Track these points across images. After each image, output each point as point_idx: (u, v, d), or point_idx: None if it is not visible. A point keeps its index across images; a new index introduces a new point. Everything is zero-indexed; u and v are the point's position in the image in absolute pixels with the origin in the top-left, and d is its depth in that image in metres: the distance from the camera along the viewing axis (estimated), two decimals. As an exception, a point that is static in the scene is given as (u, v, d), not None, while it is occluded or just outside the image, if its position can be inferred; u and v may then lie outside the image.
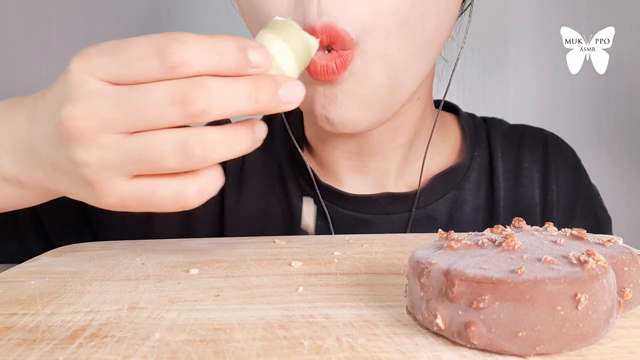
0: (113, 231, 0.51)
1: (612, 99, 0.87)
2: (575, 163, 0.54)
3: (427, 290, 0.21)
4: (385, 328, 0.22)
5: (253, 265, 0.33)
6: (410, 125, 0.48)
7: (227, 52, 0.26)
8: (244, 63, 0.26)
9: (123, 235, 0.49)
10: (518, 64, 0.89)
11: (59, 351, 0.21)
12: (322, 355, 0.20)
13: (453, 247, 0.23)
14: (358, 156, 0.49)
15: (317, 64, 0.36)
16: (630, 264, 0.22)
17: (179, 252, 0.37)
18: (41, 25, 0.89)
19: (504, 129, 0.55)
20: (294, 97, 0.27)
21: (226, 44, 0.26)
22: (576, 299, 0.18)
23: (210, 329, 0.23)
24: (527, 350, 0.19)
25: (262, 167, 0.52)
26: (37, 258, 0.37)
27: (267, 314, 0.24)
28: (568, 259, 0.20)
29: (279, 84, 0.27)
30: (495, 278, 0.19)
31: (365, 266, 0.32)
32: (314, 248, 0.37)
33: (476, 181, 0.51)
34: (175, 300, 0.27)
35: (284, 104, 0.27)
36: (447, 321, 0.20)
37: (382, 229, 0.49)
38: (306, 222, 0.43)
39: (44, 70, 0.89)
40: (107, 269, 0.33)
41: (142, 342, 0.21)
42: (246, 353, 0.20)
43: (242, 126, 0.27)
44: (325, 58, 0.36)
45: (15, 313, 0.25)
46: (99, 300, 0.27)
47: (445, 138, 0.53)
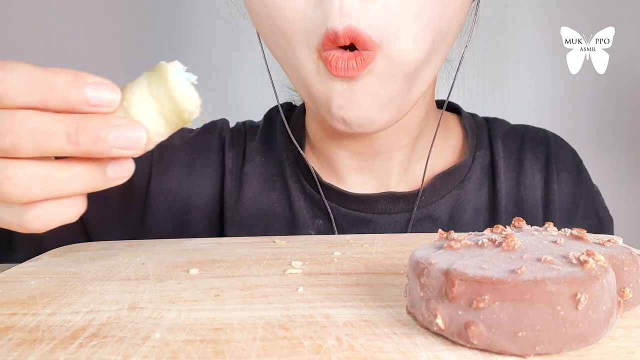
0: (107, 230, 0.51)
1: (612, 99, 0.87)
2: (576, 163, 0.54)
3: (427, 290, 0.21)
4: (385, 328, 0.22)
5: (253, 265, 0.33)
6: (414, 125, 0.48)
7: (58, 87, 0.24)
8: (79, 100, 0.24)
9: (117, 234, 0.49)
10: (518, 64, 0.89)
11: (59, 351, 0.21)
12: (322, 355, 0.20)
13: (453, 247, 0.23)
14: (362, 156, 0.49)
15: (337, 59, 0.36)
16: (630, 264, 0.22)
17: (179, 252, 0.37)
18: (41, 25, 0.89)
19: (506, 129, 0.55)
20: (128, 143, 0.25)
21: (59, 78, 0.24)
22: (576, 299, 0.18)
23: (210, 328, 0.23)
24: (527, 350, 0.19)
25: (263, 167, 0.52)
26: (37, 258, 0.37)
27: (267, 314, 0.24)
28: (568, 259, 0.20)
29: (110, 126, 0.24)
30: (495, 278, 0.19)
31: (366, 266, 0.32)
32: (314, 248, 0.37)
33: (478, 181, 0.51)
34: (176, 300, 0.27)
35: (112, 149, 0.24)
36: (447, 321, 0.20)
37: (384, 228, 0.49)
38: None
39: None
40: (107, 269, 0.33)
41: (143, 342, 0.21)
42: (246, 353, 0.20)
43: (82, 163, 0.25)
44: (347, 55, 0.36)
45: (15, 313, 0.25)
46: (99, 300, 0.27)
47: (447, 138, 0.53)
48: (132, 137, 0.25)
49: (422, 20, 0.36)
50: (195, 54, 0.90)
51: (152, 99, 0.26)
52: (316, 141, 0.51)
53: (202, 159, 0.52)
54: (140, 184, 0.51)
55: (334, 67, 0.37)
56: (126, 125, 0.25)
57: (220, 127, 0.55)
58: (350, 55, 0.36)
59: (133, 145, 0.25)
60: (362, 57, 0.36)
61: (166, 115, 0.27)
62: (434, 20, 0.37)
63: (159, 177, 0.51)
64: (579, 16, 0.86)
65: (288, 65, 0.41)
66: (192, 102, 0.26)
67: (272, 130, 0.54)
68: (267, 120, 0.56)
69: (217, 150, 0.53)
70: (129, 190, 0.51)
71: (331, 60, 0.36)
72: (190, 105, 0.26)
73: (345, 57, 0.36)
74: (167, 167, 0.52)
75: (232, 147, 0.53)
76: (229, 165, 0.52)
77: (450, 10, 0.38)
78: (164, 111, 0.26)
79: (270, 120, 0.55)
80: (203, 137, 0.54)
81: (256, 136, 0.54)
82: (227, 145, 0.53)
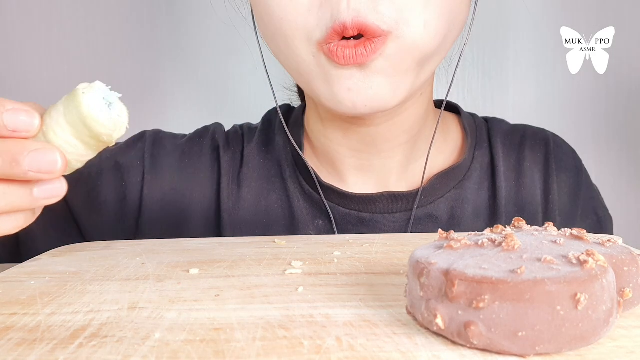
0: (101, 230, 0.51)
1: (612, 99, 0.87)
2: (576, 163, 0.54)
3: (427, 290, 0.21)
4: (385, 328, 0.22)
5: (253, 265, 0.33)
6: (413, 122, 0.48)
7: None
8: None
9: (112, 234, 0.49)
10: (518, 64, 0.89)
11: (59, 351, 0.21)
12: (322, 355, 0.20)
13: (453, 247, 0.23)
14: (362, 154, 0.49)
15: (344, 49, 0.37)
16: (630, 264, 0.22)
17: (179, 252, 0.37)
18: (41, 25, 0.89)
19: (506, 129, 0.55)
20: (43, 167, 0.26)
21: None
22: (576, 299, 0.18)
23: (210, 328, 0.23)
24: (527, 350, 0.19)
25: (262, 168, 0.52)
26: (37, 258, 0.37)
27: (267, 314, 0.24)
28: (568, 259, 0.20)
29: (26, 150, 0.25)
30: (495, 278, 0.19)
31: (365, 266, 0.32)
32: (314, 248, 0.37)
33: (477, 180, 0.51)
34: (176, 300, 0.27)
35: (29, 173, 0.25)
36: (447, 321, 0.20)
37: (384, 228, 0.49)
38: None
39: (44, 71, 0.89)
40: (107, 269, 0.33)
41: (143, 342, 0.21)
42: (246, 353, 0.20)
43: (6, 183, 0.26)
44: (353, 43, 0.37)
45: (15, 313, 0.25)
46: (99, 300, 0.27)
47: (447, 137, 0.53)
48: (47, 161, 0.26)
49: (432, 9, 0.37)
50: (194, 54, 0.90)
51: (68, 124, 0.27)
52: (316, 140, 0.51)
53: (195, 163, 0.52)
54: (134, 193, 0.51)
55: (341, 57, 0.37)
56: (41, 150, 0.26)
57: (212, 131, 0.55)
58: (357, 42, 0.37)
59: (48, 170, 0.26)
60: (372, 43, 0.37)
61: (83, 139, 0.27)
62: (444, 10, 0.38)
63: (152, 185, 0.51)
64: (579, 16, 0.86)
65: (286, 59, 0.42)
66: (106, 126, 0.27)
67: (270, 132, 0.54)
68: (265, 122, 0.56)
69: (210, 154, 0.53)
70: (123, 201, 0.51)
71: (337, 51, 0.37)
72: (105, 128, 0.27)
73: (351, 45, 0.37)
74: (159, 175, 0.52)
75: (227, 150, 0.53)
76: (225, 168, 0.52)
77: (458, 2, 0.39)
78: (81, 135, 0.27)
79: (269, 122, 0.55)
80: (194, 142, 0.54)
81: (254, 138, 0.54)
82: (222, 149, 0.53)
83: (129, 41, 0.90)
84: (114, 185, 0.51)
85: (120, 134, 0.28)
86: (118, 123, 0.27)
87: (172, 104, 0.91)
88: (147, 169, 0.51)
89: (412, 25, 0.37)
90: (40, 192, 0.27)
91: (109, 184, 0.51)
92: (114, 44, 0.89)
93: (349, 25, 0.36)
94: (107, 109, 0.27)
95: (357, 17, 0.36)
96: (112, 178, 0.51)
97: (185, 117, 0.91)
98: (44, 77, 0.89)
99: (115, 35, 0.89)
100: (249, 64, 0.88)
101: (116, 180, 0.51)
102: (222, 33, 0.88)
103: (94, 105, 0.26)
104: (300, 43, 0.39)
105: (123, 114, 0.28)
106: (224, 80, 0.91)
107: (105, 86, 0.27)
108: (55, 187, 0.27)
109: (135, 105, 0.96)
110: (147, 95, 0.90)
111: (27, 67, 0.89)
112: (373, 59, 0.37)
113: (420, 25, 0.37)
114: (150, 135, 0.54)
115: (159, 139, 0.54)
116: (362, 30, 0.36)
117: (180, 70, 0.91)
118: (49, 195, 0.27)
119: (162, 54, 0.90)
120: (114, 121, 0.27)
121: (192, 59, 0.91)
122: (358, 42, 0.37)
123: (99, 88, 0.27)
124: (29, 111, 0.26)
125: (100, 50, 0.89)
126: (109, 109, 0.27)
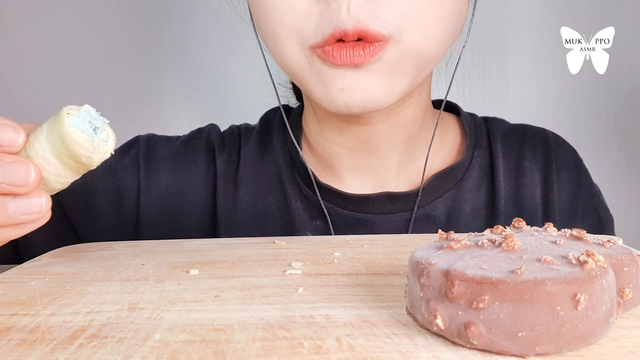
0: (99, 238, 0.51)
1: (612, 99, 0.87)
2: (576, 163, 0.54)
3: (426, 291, 0.21)
4: (385, 328, 0.22)
5: (253, 265, 0.33)
6: (410, 121, 0.48)
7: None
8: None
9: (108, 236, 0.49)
10: (518, 64, 0.89)
11: (60, 351, 0.21)
12: (322, 355, 0.20)
13: (453, 247, 0.23)
14: (359, 153, 0.49)
15: (340, 49, 0.37)
16: (629, 264, 0.22)
17: (179, 253, 0.37)
18: (41, 25, 0.89)
19: (505, 129, 0.55)
20: (15, 180, 0.26)
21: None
22: (576, 299, 0.18)
23: (210, 329, 0.23)
24: (527, 351, 0.19)
25: (259, 170, 0.52)
26: (37, 258, 0.37)
27: (267, 315, 0.24)
28: (567, 259, 0.20)
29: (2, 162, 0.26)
30: (495, 278, 0.19)
31: (365, 267, 0.32)
32: (313, 248, 0.37)
33: (476, 180, 0.51)
34: (176, 300, 0.27)
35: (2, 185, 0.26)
36: (447, 321, 0.20)
37: (382, 229, 0.49)
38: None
39: (44, 71, 0.89)
40: (107, 270, 0.33)
41: (143, 343, 0.22)
42: (246, 353, 0.20)
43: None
44: (350, 45, 0.37)
45: (15, 313, 0.25)
46: (99, 300, 0.27)
47: (445, 137, 0.53)
48: (19, 174, 0.26)
49: (432, 14, 0.38)
50: (194, 55, 0.90)
51: (48, 142, 0.27)
52: (313, 140, 0.51)
53: (190, 166, 0.52)
54: (130, 199, 0.51)
55: (337, 57, 0.37)
56: (15, 163, 0.26)
57: (207, 133, 0.55)
58: (355, 44, 0.37)
59: (20, 182, 0.26)
60: (371, 46, 0.37)
61: (62, 158, 0.28)
62: (444, 15, 0.38)
63: (148, 190, 0.51)
64: (579, 16, 0.86)
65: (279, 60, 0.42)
66: (85, 147, 0.27)
67: (268, 133, 0.54)
68: (263, 122, 0.56)
69: (204, 155, 0.53)
70: (119, 207, 0.51)
71: (333, 52, 0.37)
72: (83, 150, 0.27)
73: (349, 45, 0.37)
74: (155, 179, 0.52)
75: (223, 151, 0.53)
76: (221, 169, 0.52)
77: (457, 7, 0.40)
78: (59, 155, 0.27)
79: (267, 123, 0.55)
80: (189, 145, 0.54)
81: (251, 139, 0.54)
82: (217, 150, 0.53)
83: (129, 41, 0.90)
84: (110, 192, 0.51)
85: (102, 158, 0.28)
86: (100, 147, 0.28)
87: (171, 104, 0.91)
88: (142, 174, 0.51)
89: (412, 31, 0.37)
90: (16, 207, 0.27)
91: (104, 191, 0.51)
92: (114, 45, 0.89)
93: (350, 32, 0.36)
94: (89, 131, 0.27)
95: (358, 23, 0.36)
96: (107, 185, 0.51)
97: (185, 118, 0.91)
98: (44, 77, 0.89)
99: (115, 36, 0.89)
100: (249, 64, 0.88)
101: (112, 186, 0.51)
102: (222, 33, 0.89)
103: (74, 126, 0.27)
104: (292, 46, 0.40)
105: (110, 139, 0.28)
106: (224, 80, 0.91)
107: (94, 110, 0.28)
108: (32, 202, 0.27)
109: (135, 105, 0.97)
110: (147, 95, 0.90)
111: (27, 68, 0.89)
112: (370, 62, 0.38)
113: (420, 30, 0.38)
114: (144, 140, 0.54)
115: (152, 143, 0.54)
116: (363, 36, 0.36)
117: (180, 71, 0.91)
118: (25, 211, 0.27)
119: (161, 54, 0.90)
120: (94, 144, 0.27)
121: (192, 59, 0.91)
122: (356, 44, 0.37)
123: (86, 110, 0.27)
124: (16, 127, 0.26)
125: (100, 50, 0.89)
126: (94, 132, 0.27)
